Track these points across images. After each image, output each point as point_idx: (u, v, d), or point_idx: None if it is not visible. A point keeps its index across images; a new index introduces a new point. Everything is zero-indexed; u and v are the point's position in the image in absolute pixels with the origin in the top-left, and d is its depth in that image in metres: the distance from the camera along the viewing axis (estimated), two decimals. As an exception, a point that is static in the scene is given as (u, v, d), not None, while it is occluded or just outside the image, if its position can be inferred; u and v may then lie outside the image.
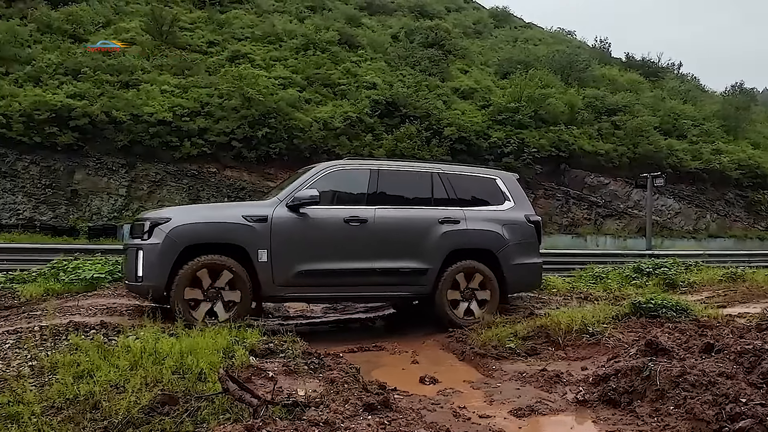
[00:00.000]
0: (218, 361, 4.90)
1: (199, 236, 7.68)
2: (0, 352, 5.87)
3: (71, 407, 4.11)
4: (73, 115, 25.80)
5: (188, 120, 27.56)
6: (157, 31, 32.96)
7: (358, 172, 8.75)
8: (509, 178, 9.53)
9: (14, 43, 29.35)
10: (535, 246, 9.16)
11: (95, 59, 29.45)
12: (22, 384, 4.51)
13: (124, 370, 4.64)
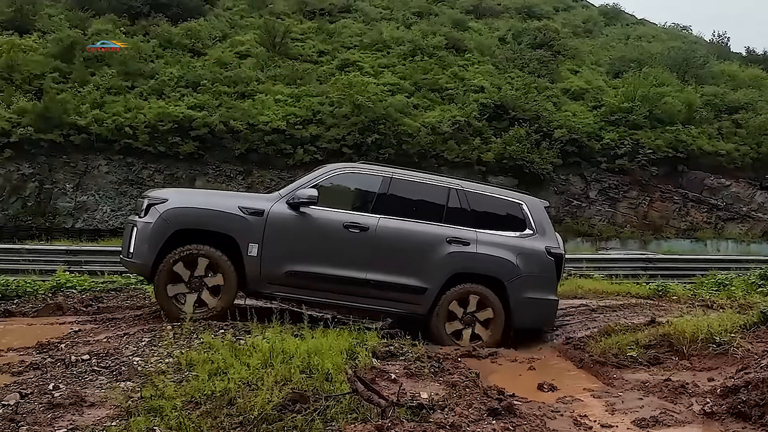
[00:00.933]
0: (342, 362, 5.08)
1: (192, 221, 7.64)
2: (138, 349, 6.30)
3: (208, 402, 4.37)
4: (194, 125, 27.18)
5: (301, 128, 28.40)
6: (270, 43, 34.09)
7: (368, 177, 8.39)
8: (536, 205, 8.82)
9: (138, 59, 31.16)
10: (551, 281, 8.38)
11: (213, 72, 30.87)
12: (163, 380, 4.84)
13: (255, 368, 4.89)
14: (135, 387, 4.85)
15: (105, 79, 29.47)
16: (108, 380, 5.21)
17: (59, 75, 29.35)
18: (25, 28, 32.92)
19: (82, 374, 5.49)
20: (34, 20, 33.58)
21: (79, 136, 26.50)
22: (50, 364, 6.11)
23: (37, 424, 4.28)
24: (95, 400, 4.67)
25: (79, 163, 26.69)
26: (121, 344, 6.59)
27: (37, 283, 11.77)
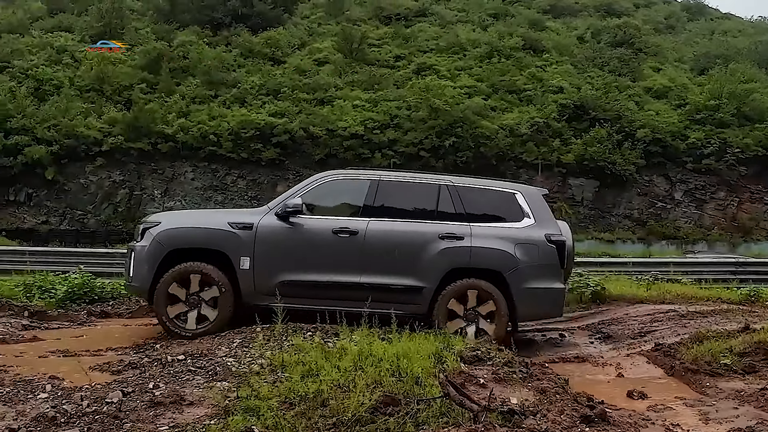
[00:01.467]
0: (431, 366, 5.10)
1: (184, 240, 7.80)
2: (230, 350, 6.50)
3: (302, 403, 4.47)
4: (275, 132, 27.84)
5: (379, 132, 28.66)
6: (347, 50, 34.53)
7: (356, 183, 8.33)
8: (532, 193, 8.48)
9: (221, 69, 32.11)
10: (555, 269, 8.01)
11: (293, 79, 31.52)
12: (257, 380, 4.98)
13: (345, 371, 4.98)
14: (231, 387, 5.01)
15: (190, 88, 30.55)
16: (204, 380, 5.38)
17: (147, 86, 30.60)
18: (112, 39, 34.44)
19: (178, 374, 5.70)
20: (122, 34, 35.12)
21: (166, 144, 27.57)
22: (148, 363, 6.37)
23: (140, 422, 4.47)
24: (194, 399, 4.84)
25: (167, 170, 27.71)
26: (214, 345, 6.79)
27: (130, 286, 12.24)
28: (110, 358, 6.95)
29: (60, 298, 11.07)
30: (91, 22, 35.58)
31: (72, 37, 34.63)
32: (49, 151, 26.53)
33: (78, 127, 27.32)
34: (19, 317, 9.90)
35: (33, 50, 32.91)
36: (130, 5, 38.81)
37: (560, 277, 8.05)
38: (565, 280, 8.64)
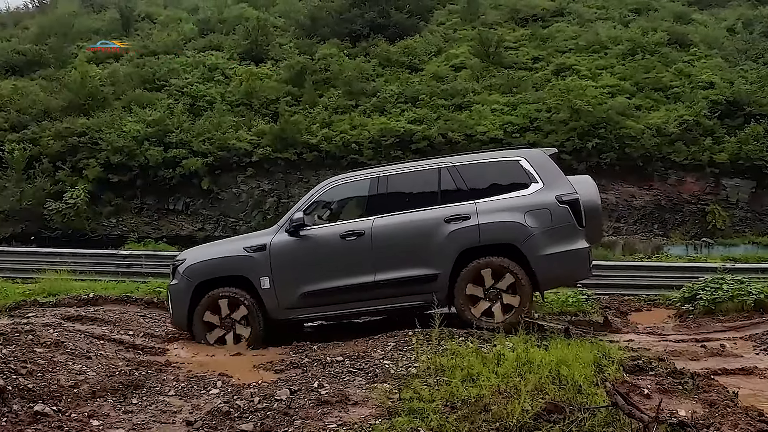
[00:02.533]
0: (591, 374, 5.03)
1: (207, 272, 8.32)
2: (386, 353, 6.68)
3: (464, 407, 4.55)
4: (414, 139, 28.19)
5: (518, 136, 28.30)
6: (484, 54, 34.35)
7: (357, 184, 8.50)
8: (537, 156, 8.28)
9: (361, 79, 32.89)
10: (571, 230, 7.72)
11: (430, 86, 31.77)
12: (418, 383, 5.11)
13: (505, 376, 5.00)
14: (392, 388, 5.18)
15: (332, 99, 31.52)
16: (365, 381, 5.60)
17: (291, 98, 31.90)
18: (260, 57, 36.14)
19: (339, 374, 5.95)
20: (268, 50, 36.73)
21: (310, 153, 28.60)
22: (308, 363, 6.69)
23: (309, 419, 4.72)
24: (358, 399, 5.05)
25: (311, 178, 28.69)
26: (369, 348, 7.02)
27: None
28: (272, 357, 7.35)
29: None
30: (239, 40, 37.48)
31: (222, 56, 36.63)
32: (204, 163, 28.28)
33: (230, 140, 28.92)
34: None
35: (187, 69, 35.12)
36: (274, 22, 40.49)
37: (580, 237, 7.80)
38: (594, 237, 8.46)
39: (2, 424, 4.73)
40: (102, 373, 6.27)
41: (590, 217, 8.04)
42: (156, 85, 33.88)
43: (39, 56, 37.07)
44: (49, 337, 7.19)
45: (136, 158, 28.62)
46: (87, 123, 30.01)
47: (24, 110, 31.51)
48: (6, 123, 30.92)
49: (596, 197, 8.49)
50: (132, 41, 39.46)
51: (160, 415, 5.31)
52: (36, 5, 49.01)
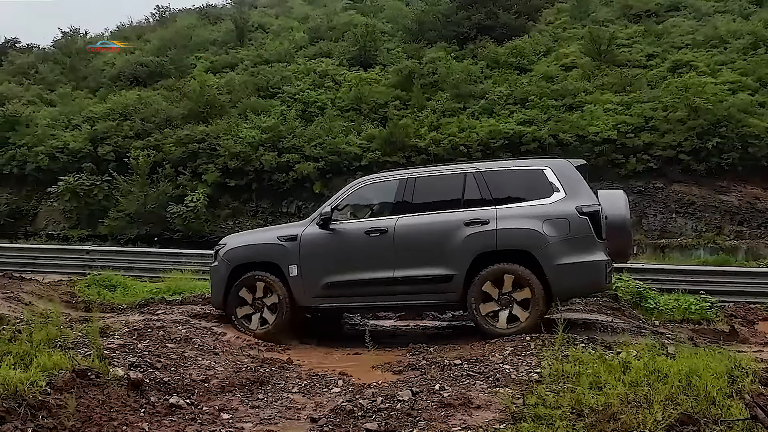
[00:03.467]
0: (725, 385, 4.81)
1: (243, 256, 8.93)
2: (504, 357, 6.61)
3: (592, 415, 4.45)
4: (524, 141, 27.80)
5: (632, 136, 27.38)
6: (595, 52, 33.47)
7: (387, 184, 8.90)
8: (562, 167, 8.26)
9: (469, 81, 32.75)
10: (589, 241, 7.71)
11: (540, 87, 31.24)
12: (541, 389, 5.04)
13: (632, 385, 4.86)
14: (515, 393, 5.13)
15: (440, 102, 31.55)
16: (487, 385, 5.57)
17: (400, 102, 32.16)
18: (369, 63, 36.68)
19: (459, 377, 5.95)
20: (376, 55, 37.23)
21: (419, 156, 28.72)
22: (426, 365, 6.73)
23: (433, 420, 4.75)
24: (480, 403, 5.03)
25: (419, 181, 28.84)
26: (486, 351, 6.98)
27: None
28: (389, 359, 7.43)
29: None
30: (348, 46, 38.18)
31: (331, 62, 37.41)
32: (316, 167, 28.97)
33: (340, 144, 29.50)
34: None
35: (299, 76, 36.11)
36: (382, 28, 40.98)
37: (598, 249, 7.79)
38: (620, 252, 8.57)
39: (141, 414, 5.01)
40: (229, 368, 6.54)
41: (616, 232, 8.20)
42: (269, 92, 35.06)
43: (160, 67, 39.18)
44: (179, 333, 7.58)
45: (251, 163, 29.69)
46: (206, 130, 31.41)
47: (147, 119, 33.33)
48: (131, 131, 32.78)
49: (624, 211, 8.51)
50: (246, 50, 40.94)
51: (285, 411, 5.48)
52: (157, 19, 51.70)
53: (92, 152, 32.36)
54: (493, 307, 7.88)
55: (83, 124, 34.35)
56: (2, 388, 4.45)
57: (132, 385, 5.34)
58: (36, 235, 30.43)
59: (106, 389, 5.10)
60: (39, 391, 4.62)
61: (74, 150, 32.56)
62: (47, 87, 41.28)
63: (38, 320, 6.43)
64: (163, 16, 51.35)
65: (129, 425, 4.77)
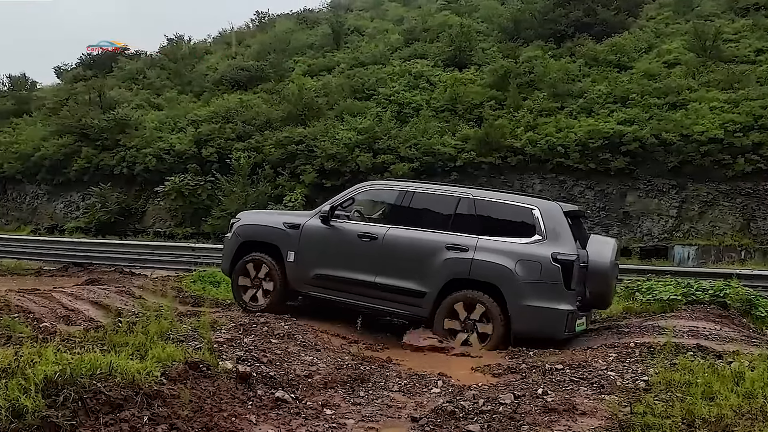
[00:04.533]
0: None
1: (251, 234, 9.78)
2: (607, 364, 6.47)
3: (704, 427, 4.29)
4: (624, 141, 26.94)
5: (741, 135, 26.04)
6: (700, 48, 32.12)
7: (388, 192, 9.54)
8: (550, 209, 8.45)
9: (566, 80, 32.07)
10: (557, 289, 7.88)
11: (641, 85, 30.23)
12: (651, 397, 4.90)
13: (747, 396, 4.66)
14: (621, 401, 5.01)
15: (537, 102, 31.03)
16: (591, 391, 5.47)
17: (495, 102, 31.83)
18: (464, 63, 36.52)
19: (561, 382, 5.87)
20: (471, 55, 37.02)
21: (514, 157, 28.38)
22: (526, 369, 6.66)
23: (536, 425, 4.70)
24: (586, 409, 4.94)
25: (515, 182, 28.51)
26: (588, 357, 6.86)
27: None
28: (488, 361, 7.40)
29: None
30: (443, 47, 38.12)
31: (426, 63, 37.44)
32: (411, 168, 29.05)
33: (435, 145, 29.48)
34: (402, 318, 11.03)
35: (394, 78, 36.34)
36: (477, 28, 40.70)
37: (563, 298, 7.93)
38: (597, 301, 8.80)
39: (248, 406, 5.18)
40: (331, 365, 6.68)
41: (597, 279, 8.43)
42: (365, 94, 35.44)
43: (260, 71, 40.28)
44: (282, 329, 7.80)
45: (347, 164, 30.09)
46: (303, 132, 32.06)
47: (248, 121, 34.33)
48: (233, 133, 33.84)
49: (608, 260, 8.53)
50: (342, 53, 41.54)
51: (386, 409, 5.55)
52: (257, 25, 53.15)
53: (196, 154, 33.59)
54: (457, 327, 8.24)
55: (188, 127, 35.72)
56: (121, 377, 4.68)
57: (240, 378, 5.53)
58: (143, 233, 31.85)
59: (216, 381, 5.30)
60: (154, 381, 4.83)
61: (180, 152, 33.92)
62: (155, 92, 43.18)
63: (152, 314, 6.74)
64: (262, 22, 52.77)
65: (238, 417, 4.94)
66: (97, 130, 36.41)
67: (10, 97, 46.62)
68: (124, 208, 34.54)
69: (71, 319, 10.19)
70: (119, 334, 5.77)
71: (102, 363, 4.73)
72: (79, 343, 5.59)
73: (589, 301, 8.65)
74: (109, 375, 4.65)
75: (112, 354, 5.05)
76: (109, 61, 49.50)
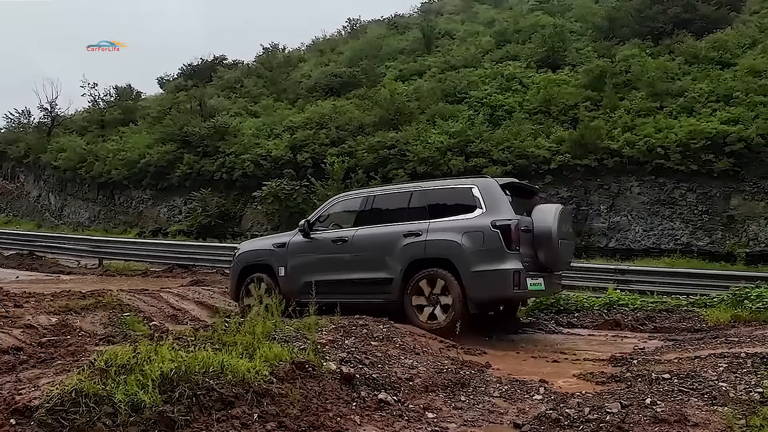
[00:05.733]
0: None
1: (247, 259, 11.33)
2: (718, 374, 6.23)
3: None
4: (728, 141, 25.72)
5: None
6: (812, 41, 30.40)
7: (353, 200, 10.81)
8: (487, 185, 9.49)
9: (665, 78, 30.95)
10: (499, 252, 8.87)
11: (746, 82, 28.82)
12: (765, 410, 4.71)
13: None
14: (734, 413, 4.84)
15: (634, 102, 30.09)
16: (702, 402, 5.30)
17: (591, 103, 31.03)
18: (557, 64, 35.84)
19: (669, 393, 5.71)
20: (565, 56, 36.33)
21: (611, 159, 27.57)
22: (631, 378, 6.51)
23: (651, 436, 4.59)
24: (698, 421, 4.80)
25: (612, 185, 27.75)
26: (696, 367, 6.64)
27: (592, 299, 12.67)
28: (590, 368, 7.28)
29: (530, 306, 12.01)
30: (535, 48, 37.58)
31: (518, 65, 37.01)
32: (504, 171, 28.68)
33: (528, 148, 29.04)
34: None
35: (486, 80, 36.08)
36: (570, 27, 39.94)
37: (507, 259, 8.84)
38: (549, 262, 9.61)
39: (353, 407, 5.31)
40: (431, 369, 6.74)
41: (542, 242, 9.36)
42: (457, 97, 35.32)
43: (353, 77, 40.83)
44: (380, 331, 7.92)
45: (439, 168, 30.01)
46: (396, 136, 32.25)
47: (342, 127, 34.84)
48: (327, 138, 34.43)
49: (550, 224, 9.37)
50: (433, 57, 41.60)
51: (487, 414, 5.55)
52: (348, 31, 53.95)
53: (292, 159, 34.32)
54: (423, 303, 9.25)
55: (284, 133, 36.56)
56: (231, 375, 4.89)
57: (344, 379, 5.67)
58: (242, 236, 32.75)
59: (321, 382, 5.46)
60: (263, 379, 5.02)
61: (276, 157, 34.76)
62: (252, 99, 44.47)
63: (259, 314, 6.97)
64: (354, 29, 53.51)
65: (343, 417, 5.07)
66: (198, 137, 37.81)
67: (117, 107, 48.96)
68: (223, 212, 35.67)
69: (178, 318, 10.73)
70: (228, 333, 6.00)
71: (214, 361, 4.96)
72: (191, 341, 5.85)
73: (542, 264, 9.54)
74: (220, 373, 4.87)
75: (222, 353, 5.27)
76: (208, 70, 51.36)
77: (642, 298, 12.82)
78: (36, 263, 22.86)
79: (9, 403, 4.37)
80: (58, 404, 4.17)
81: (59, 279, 17.57)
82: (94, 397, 4.22)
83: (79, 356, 6.06)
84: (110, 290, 11.45)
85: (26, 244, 27.30)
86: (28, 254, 24.91)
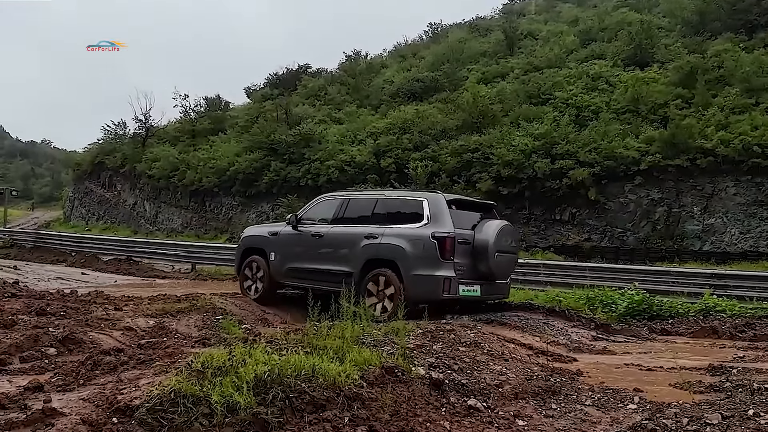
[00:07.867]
0: None
1: (249, 243, 12.90)
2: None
3: None
4: None
5: None
6: None
7: (333, 201, 12.10)
8: (434, 199, 10.60)
9: (760, 73, 29.60)
10: (434, 260, 10.00)
11: None
12: None
13: None
14: None
15: (728, 99, 28.91)
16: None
17: (681, 101, 30.02)
18: (645, 61, 34.90)
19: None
20: (653, 53, 35.31)
21: (705, 159, 26.51)
22: (731, 388, 6.24)
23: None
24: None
25: (706, 186, 26.70)
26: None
27: (686, 305, 12.23)
28: (687, 377, 7.03)
29: (621, 312, 11.71)
30: (621, 46, 36.71)
31: (604, 64, 36.20)
32: (591, 173, 28.10)
33: (616, 149, 28.28)
34: (587, 328, 10.79)
35: (571, 81, 35.45)
36: (658, 23, 38.79)
37: (441, 266, 10.02)
38: (485, 271, 10.55)
39: (442, 413, 5.30)
40: (520, 375, 6.65)
41: (480, 255, 10.46)
42: (541, 99, 34.86)
43: (435, 82, 40.90)
44: (468, 337, 7.87)
45: (524, 170, 29.63)
46: (479, 140, 32.04)
47: (424, 131, 34.91)
48: (410, 143, 34.57)
49: (489, 238, 10.43)
50: (516, 58, 41.16)
51: (579, 423, 5.43)
52: (430, 36, 54.05)
53: (375, 164, 34.64)
54: (373, 299, 10.30)
55: (367, 139, 36.97)
56: (323, 378, 4.96)
57: (433, 384, 5.67)
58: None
59: (410, 386, 5.47)
60: (354, 383, 5.07)
61: (360, 163, 35.14)
62: (335, 106, 45.16)
63: (350, 319, 7.06)
64: (435, 33, 53.61)
65: (432, 422, 5.06)
66: (284, 144, 38.67)
67: (207, 117, 50.60)
68: (309, 218, 36.24)
69: (268, 321, 10.99)
70: (318, 337, 6.09)
71: (305, 364, 5.05)
72: (283, 344, 5.98)
73: (482, 274, 10.58)
74: (312, 376, 4.95)
75: (313, 356, 5.35)
76: (293, 79, 52.46)
77: (740, 305, 12.27)
78: (133, 268, 23.85)
79: (111, 402, 4.57)
80: (157, 404, 4.34)
81: (154, 283, 18.24)
82: (192, 398, 4.36)
83: (176, 358, 6.25)
84: (203, 294, 11.87)
85: (124, 249, 28.56)
86: (125, 259, 26.00)
